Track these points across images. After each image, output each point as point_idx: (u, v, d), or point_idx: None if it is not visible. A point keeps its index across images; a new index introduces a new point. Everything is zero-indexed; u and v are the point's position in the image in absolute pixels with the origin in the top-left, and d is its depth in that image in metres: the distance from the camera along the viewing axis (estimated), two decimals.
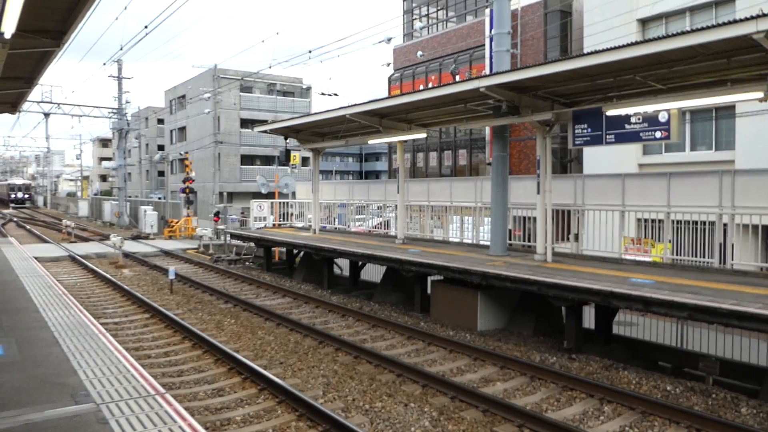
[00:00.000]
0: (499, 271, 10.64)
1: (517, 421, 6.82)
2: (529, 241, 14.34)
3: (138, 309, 13.17)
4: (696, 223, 11.49)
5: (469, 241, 16.00)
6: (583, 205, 13.19)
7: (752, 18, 7.10)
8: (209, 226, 28.13)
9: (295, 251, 19.64)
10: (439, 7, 31.77)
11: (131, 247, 25.01)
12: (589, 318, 10.88)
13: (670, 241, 11.75)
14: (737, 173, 11.34)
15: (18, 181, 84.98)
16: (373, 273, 17.34)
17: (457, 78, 24.12)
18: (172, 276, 15.55)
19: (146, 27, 17.80)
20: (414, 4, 32.57)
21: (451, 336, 10.85)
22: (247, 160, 48.64)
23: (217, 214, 28.58)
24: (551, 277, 9.81)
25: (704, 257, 11.39)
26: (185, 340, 10.51)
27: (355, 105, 14.41)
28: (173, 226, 31.49)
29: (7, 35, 6.28)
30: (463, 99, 12.28)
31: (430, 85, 26.76)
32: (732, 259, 10.91)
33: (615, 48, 8.67)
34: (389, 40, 19.52)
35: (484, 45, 24.71)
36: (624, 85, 10.10)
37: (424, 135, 16.85)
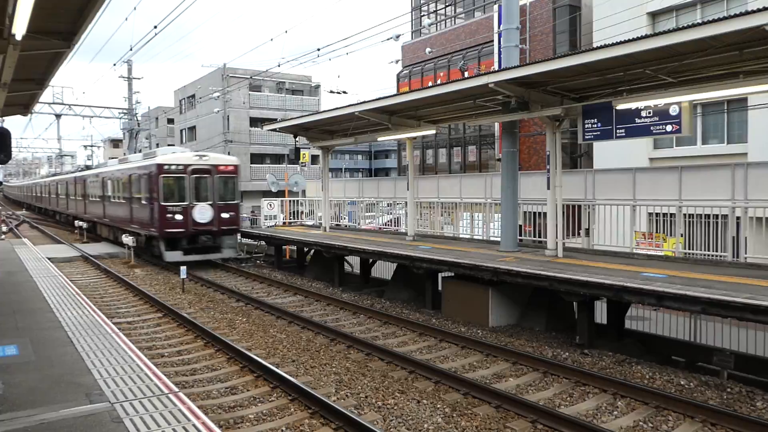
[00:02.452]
0: (510, 267, 10.61)
1: (530, 417, 6.82)
2: (539, 236, 14.29)
3: (150, 308, 13.25)
4: (708, 216, 11.39)
5: (480, 237, 15.97)
6: (594, 199, 13.12)
7: (765, 9, 7.02)
8: None
9: (305, 249, 19.69)
10: (447, 4, 31.66)
11: None
12: (601, 313, 10.82)
13: (682, 235, 11.67)
14: (750, 166, 11.24)
15: (189, 159, 18.86)
16: (383, 270, 17.36)
17: (466, 74, 24.05)
18: (183, 275, 15.63)
19: (156, 27, 17.86)
20: (422, 1, 32.49)
21: (462, 332, 10.84)
22: (256, 158, 48.72)
23: None
24: (562, 273, 9.78)
25: (717, 251, 11.30)
26: (197, 338, 10.56)
27: (364, 102, 14.41)
28: None
29: (18, 37, 6.31)
30: (473, 95, 12.25)
31: (438, 82, 26.71)
32: (745, 253, 10.81)
33: (625, 42, 8.62)
34: (397, 37, 19.45)
35: (492, 41, 24.59)
36: (634, 78, 10.02)
37: (433, 131, 16.82)
